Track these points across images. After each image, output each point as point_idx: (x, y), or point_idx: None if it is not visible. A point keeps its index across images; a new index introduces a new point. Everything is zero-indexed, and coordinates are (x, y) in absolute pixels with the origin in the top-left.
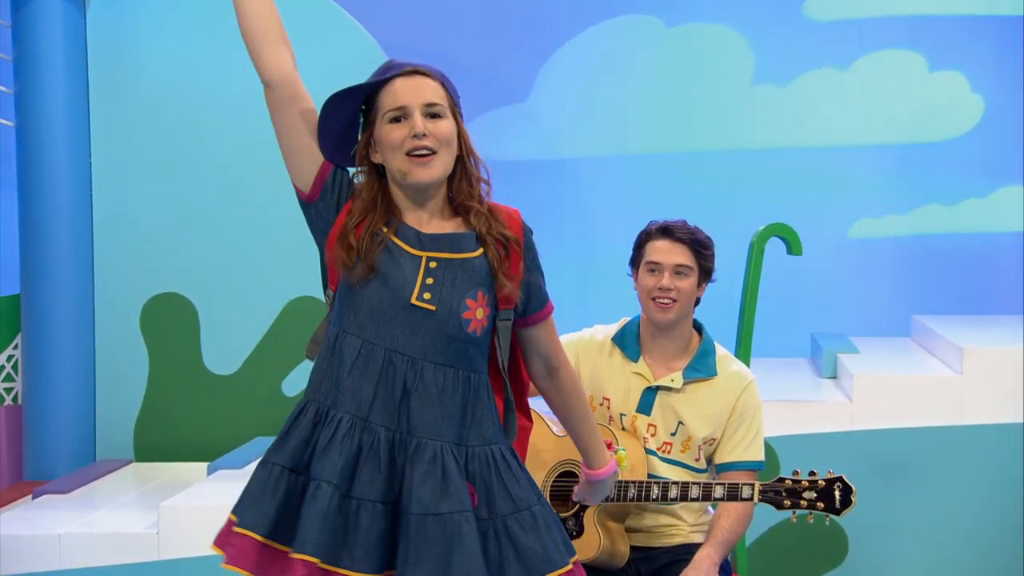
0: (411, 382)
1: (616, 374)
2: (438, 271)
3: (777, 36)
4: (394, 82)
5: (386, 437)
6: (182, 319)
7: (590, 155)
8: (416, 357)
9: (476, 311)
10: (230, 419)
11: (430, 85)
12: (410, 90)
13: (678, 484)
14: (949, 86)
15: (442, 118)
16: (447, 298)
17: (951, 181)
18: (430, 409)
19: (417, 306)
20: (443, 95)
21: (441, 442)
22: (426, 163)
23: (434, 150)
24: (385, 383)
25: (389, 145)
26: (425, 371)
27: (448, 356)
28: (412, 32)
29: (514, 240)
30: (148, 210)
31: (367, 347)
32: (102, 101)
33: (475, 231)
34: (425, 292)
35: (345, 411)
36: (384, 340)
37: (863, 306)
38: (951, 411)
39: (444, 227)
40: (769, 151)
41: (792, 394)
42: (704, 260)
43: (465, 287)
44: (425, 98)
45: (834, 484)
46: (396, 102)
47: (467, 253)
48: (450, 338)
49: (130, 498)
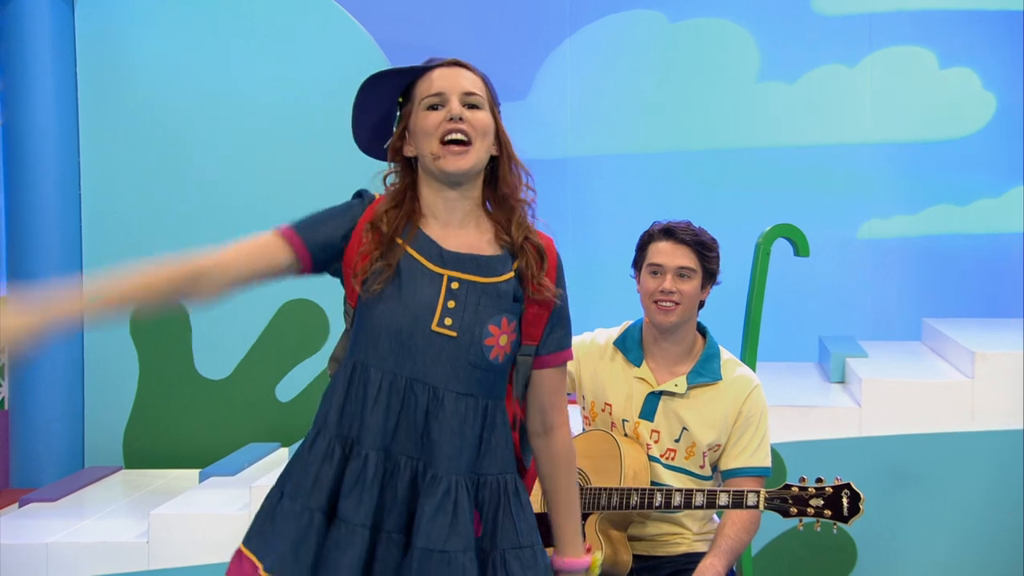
0: (432, 412)
1: (618, 379)
2: (460, 293)
3: (784, 31)
4: (433, 71)
5: (407, 465)
6: (173, 322)
7: (592, 154)
8: (437, 386)
9: (500, 338)
10: (222, 425)
11: (469, 76)
12: (450, 77)
13: (681, 492)
14: (960, 83)
15: (480, 109)
16: (469, 324)
17: (962, 180)
18: (450, 440)
19: (438, 333)
20: (483, 87)
21: (456, 475)
22: (459, 152)
23: (470, 138)
24: (407, 413)
25: (424, 130)
26: (446, 400)
27: (468, 384)
28: (409, 28)
29: (548, 257)
30: (138, 210)
31: (388, 378)
32: (91, 99)
33: (505, 249)
34: (446, 317)
35: (371, 447)
36: (405, 369)
37: (872, 309)
38: (962, 417)
39: (471, 242)
40: (775, 150)
41: (799, 399)
42: (708, 262)
43: (488, 312)
44: (463, 87)
45: (842, 491)
46: (433, 88)
47: (493, 277)
48: (471, 366)
49: (119, 506)
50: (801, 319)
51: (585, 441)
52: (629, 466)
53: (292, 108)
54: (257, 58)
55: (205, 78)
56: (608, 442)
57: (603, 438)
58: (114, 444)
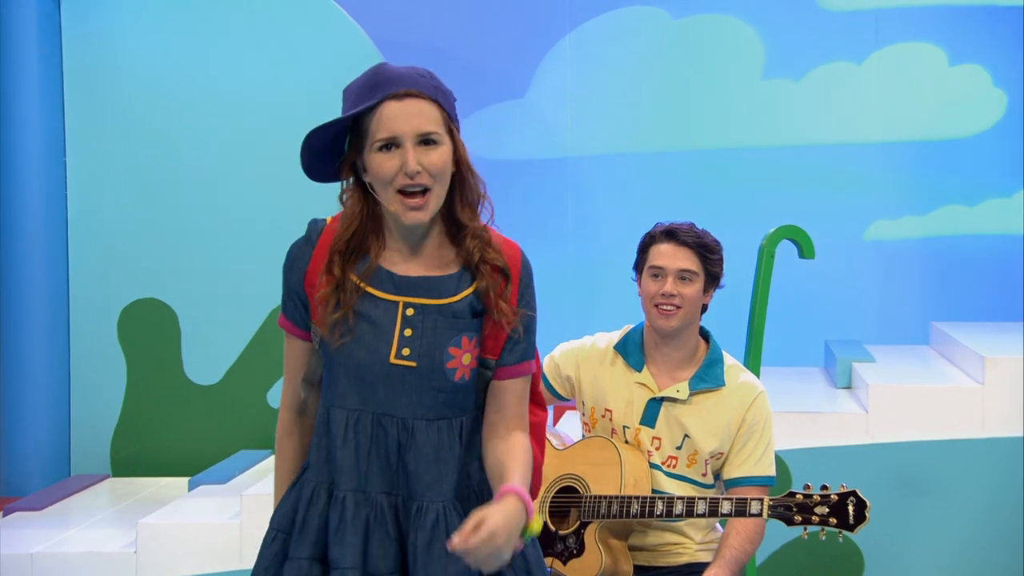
0: (404, 444)
1: (618, 384)
2: (416, 319)
3: (789, 27)
4: (384, 106)
5: (388, 503)
6: (162, 326)
7: (592, 154)
8: (405, 417)
9: (462, 357)
10: (213, 432)
11: (424, 110)
12: (402, 117)
13: (683, 500)
14: (970, 80)
15: (437, 145)
16: (428, 350)
17: (972, 180)
18: (427, 470)
19: (397, 365)
20: (437, 117)
21: (442, 502)
22: (418, 206)
23: (427, 187)
24: (378, 449)
25: (380, 178)
26: (417, 430)
27: (438, 409)
28: (406, 25)
29: (510, 272)
30: (126, 211)
31: (353, 416)
32: (78, 98)
33: (463, 267)
34: (404, 348)
35: (347, 489)
36: (370, 405)
37: (879, 312)
38: (972, 423)
39: (428, 261)
40: (780, 149)
41: (804, 405)
42: (711, 265)
43: (447, 335)
44: (418, 126)
45: (847, 499)
46: (387, 131)
47: (447, 298)
48: (437, 391)
49: (107, 515)
50: (806, 323)
51: (585, 448)
52: (630, 473)
53: (284, 108)
54: (248, 56)
55: (195, 77)
56: (608, 449)
57: (603, 445)
58: (101, 451)
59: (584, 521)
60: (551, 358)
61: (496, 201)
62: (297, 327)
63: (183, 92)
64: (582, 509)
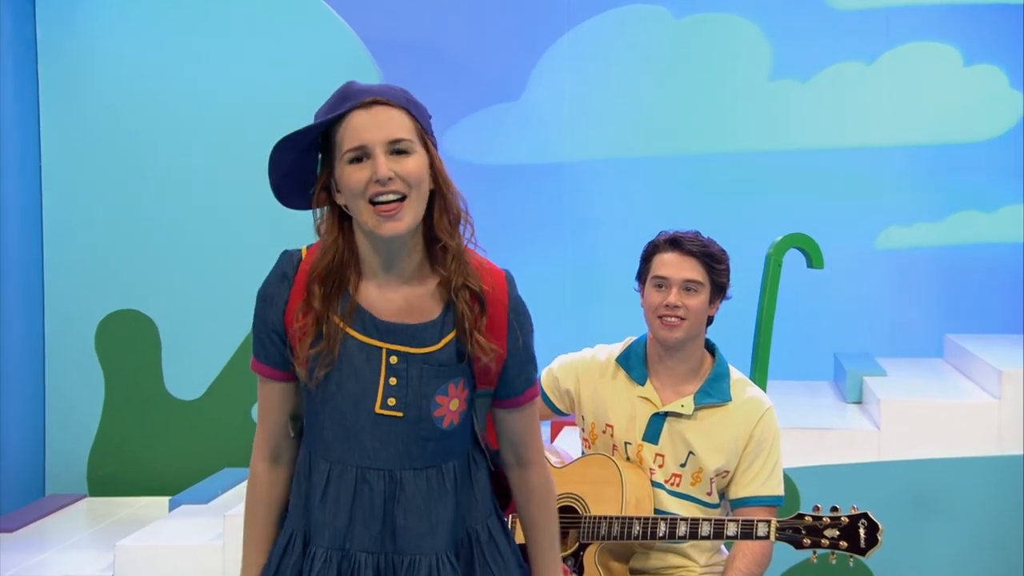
0: (391, 497)
1: (620, 398)
2: (400, 368)
3: (796, 27)
4: (352, 116)
5: (369, 562)
6: (141, 338)
7: (590, 158)
8: (392, 468)
9: (449, 404)
10: (194, 449)
11: (394, 117)
12: (371, 126)
13: (687, 521)
14: (986, 81)
15: (409, 154)
16: (414, 400)
17: (989, 185)
18: (418, 522)
19: (383, 415)
20: (409, 126)
21: (435, 554)
22: (394, 215)
23: (403, 194)
24: (361, 505)
25: (351, 191)
26: (405, 481)
27: (426, 458)
28: (395, 24)
29: (492, 298)
30: (104, 219)
31: (335, 469)
32: (53, 102)
33: (445, 302)
34: (389, 397)
35: (319, 545)
36: (353, 458)
37: (891, 324)
38: (988, 440)
39: (410, 301)
40: (787, 153)
41: (813, 421)
42: (717, 275)
43: (433, 384)
44: (388, 134)
45: (858, 521)
46: (355, 140)
47: (431, 346)
48: (424, 440)
49: (83, 537)
50: (815, 335)
51: (584, 466)
52: (631, 492)
53: (270, 112)
54: (232, 57)
55: (177, 79)
56: (608, 467)
57: (603, 463)
58: (77, 470)
59: (583, 543)
60: (549, 371)
61: (490, 208)
62: (276, 368)
63: (164, 95)
64: (581, 530)
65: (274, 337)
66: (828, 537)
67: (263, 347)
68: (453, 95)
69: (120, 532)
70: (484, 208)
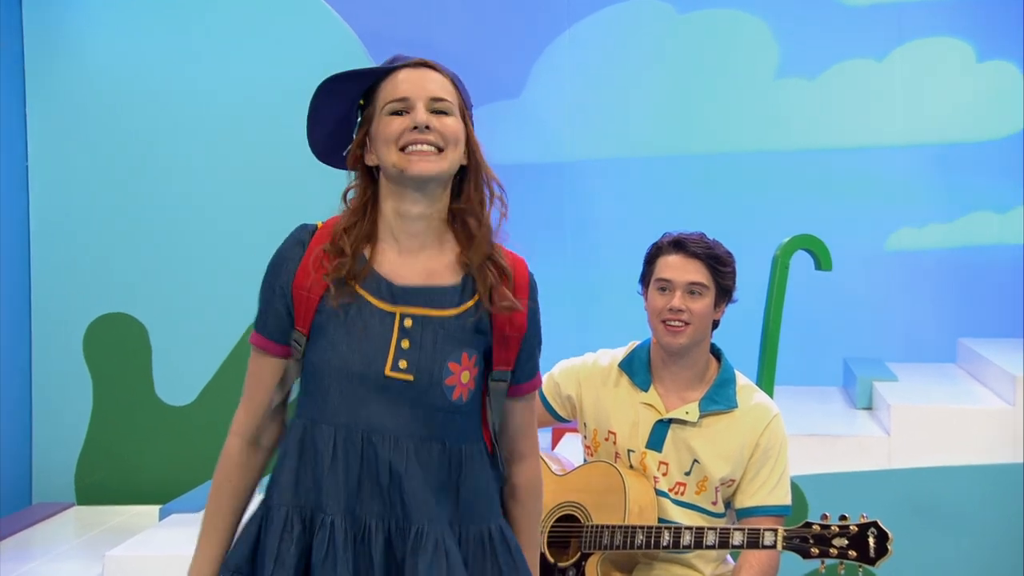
0: (397, 464)
1: (623, 405)
2: (414, 331)
3: (804, 23)
4: (398, 72)
5: (379, 527)
6: (131, 343)
7: (592, 157)
8: (399, 436)
9: (461, 375)
10: (185, 456)
11: (438, 79)
12: (416, 81)
13: (691, 530)
14: (1000, 77)
15: (449, 115)
16: (427, 364)
17: (1003, 185)
18: (422, 490)
19: (393, 378)
20: (453, 92)
21: (441, 526)
22: (426, 156)
23: (438, 146)
24: (369, 471)
25: (384, 138)
26: (409, 450)
27: (433, 429)
28: (393, 21)
29: (515, 280)
30: (93, 219)
31: (341, 434)
32: (40, 99)
33: (464, 275)
34: (400, 360)
35: (335, 512)
36: (360, 421)
37: (902, 328)
38: (1003, 447)
39: (429, 268)
40: (795, 153)
41: (822, 427)
42: (722, 278)
43: (447, 348)
44: (431, 91)
45: (868, 530)
46: (397, 93)
47: (448, 309)
48: (433, 408)
49: (71, 547)
50: (824, 339)
51: (586, 473)
52: (634, 501)
53: (265, 110)
54: (227, 53)
55: (168, 76)
56: (611, 475)
57: (606, 471)
58: (65, 478)
59: (585, 552)
60: (550, 376)
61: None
62: (274, 341)
63: (156, 92)
64: (583, 539)
65: (279, 301)
66: (837, 546)
67: (266, 317)
68: None
69: (109, 542)
70: None
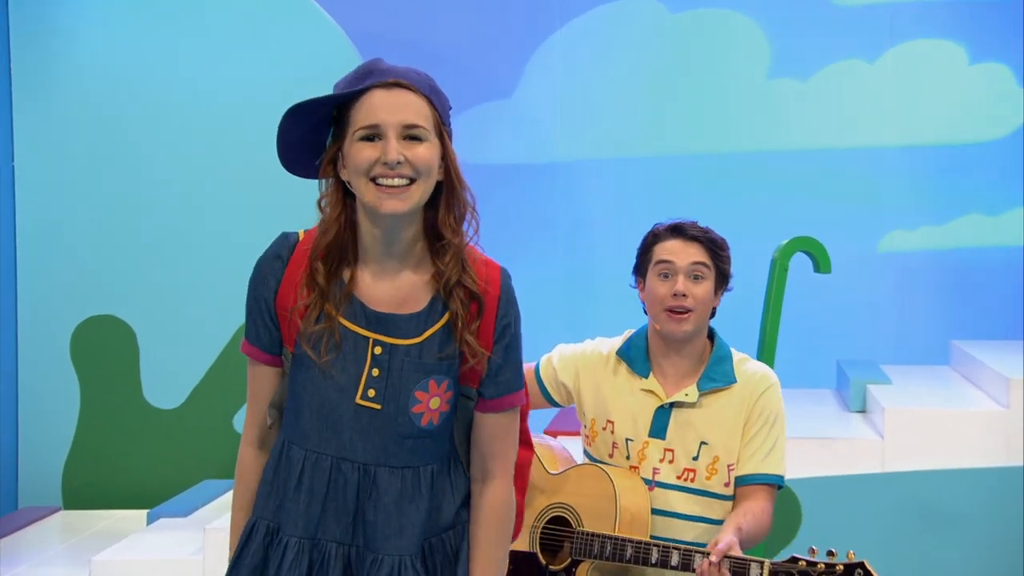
0: (364, 492)
1: (622, 393)
2: (383, 359)
3: (796, 23)
4: (371, 94)
5: (338, 553)
6: (118, 345)
7: (584, 158)
8: (367, 463)
9: (430, 402)
10: (173, 460)
11: (412, 103)
12: (388, 107)
13: (679, 550)
14: (992, 79)
15: (422, 141)
16: (393, 393)
17: (995, 187)
18: (386, 521)
19: (362, 406)
20: (428, 114)
21: (399, 556)
22: (396, 193)
23: (409, 179)
24: (335, 496)
25: (355, 167)
26: (379, 477)
27: (403, 457)
28: (384, 21)
29: (483, 301)
30: (80, 220)
31: (311, 458)
32: (26, 97)
33: (434, 295)
34: (370, 388)
35: (291, 534)
36: (330, 447)
37: (895, 330)
38: (996, 450)
39: (402, 290)
40: (787, 154)
41: (815, 430)
42: (721, 262)
43: (412, 378)
44: (404, 118)
45: (854, 571)
46: (369, 118)
47: (416, 338)
48: (402, 437)
49: (57, 551)
50: (817, 341)
51: (578, 476)
52: (626, 509)
53: (255, 110)
54: (217, 53)
55: (158, 76)
56: (603, 481)
57: (598, 475)
58: (52, 482)
59: (576, 559)
60: (548, 360)
61: (482, 208)
62: (264, 352)
63: (144, 92)
64: (573, 546)
65: (263, 318)
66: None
67: (254, 328)
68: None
69: (96, 546)
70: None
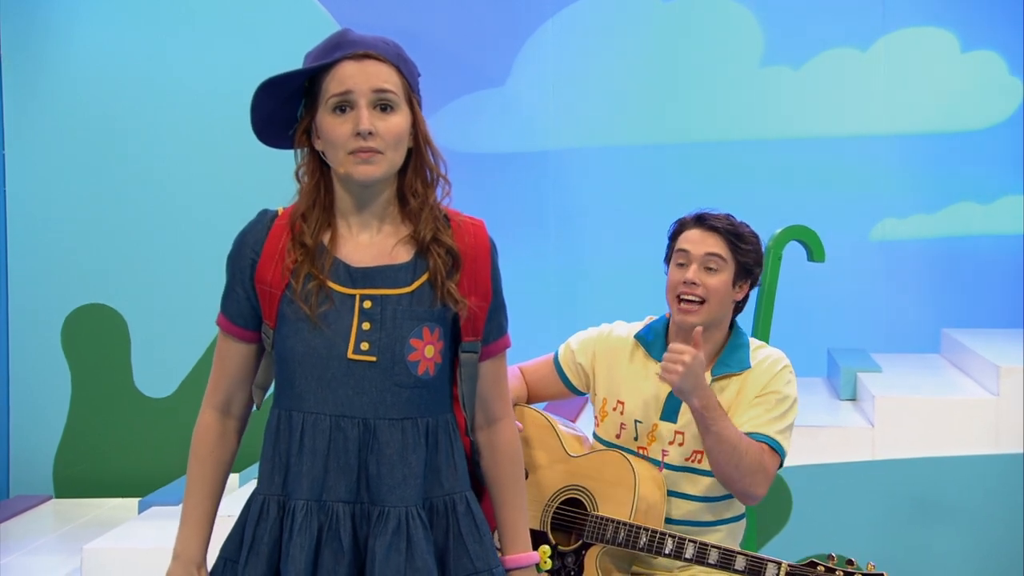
0: (365, 446)
1: (637, 376)
2: (374, 312)
3: (789, 11)
4: (341, 65)
5: (346, 512)
6: (110, 334)
7: (576, 146)
8: (367, 417)
9: (424, 349)
10: (165, 448)
11: (383, 71)
12: (358, 75)
13: (695, 543)
14: (984, 68)
15: (394, 111)
16: (388, 343)
17: (987, 176)
18: (390, 472)
19: (356, 360)
20: (397, 82)
21: (405, 507)
22: (369, 159)
23: (380, 151)
24: (336, 454)
25: (330, 140)
26: (379, 430)
27: (401, 408)
28: (375, 9)
29: (468, 255)
30: (70, 209)
31: (309, 419)
32: (16, 86)
33: (416, 251)
34: (362, 342)
35: (299, 498)
36: (327, 406)
37: (886, 319)
38: (986, 438)
39: (383, 247)
40: (779, 142)
41: (805, 418)
42: (741, 255)
43: (407, 326)
44: (374, 85)
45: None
46: (341, 87)
47: (403, 288)
48: (399, 387)
49: (49, 540)
50: (807, 330)
51: (599, 461)
52: (643, 498)
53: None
54: (205, 42)
55: (147, 65)
56: (624, 468)
57: (619, 462)
58: (43, 470)
59: (587, 542)
60: (567, 346)
61: (473, 196)
62: (237, 326)
63: (134, 81)
64: (586, 529)
65: (240, 292)
66: None
67: (229, 300)
68: (435, 81)
69: (88, 535)
70: (467, 196)
